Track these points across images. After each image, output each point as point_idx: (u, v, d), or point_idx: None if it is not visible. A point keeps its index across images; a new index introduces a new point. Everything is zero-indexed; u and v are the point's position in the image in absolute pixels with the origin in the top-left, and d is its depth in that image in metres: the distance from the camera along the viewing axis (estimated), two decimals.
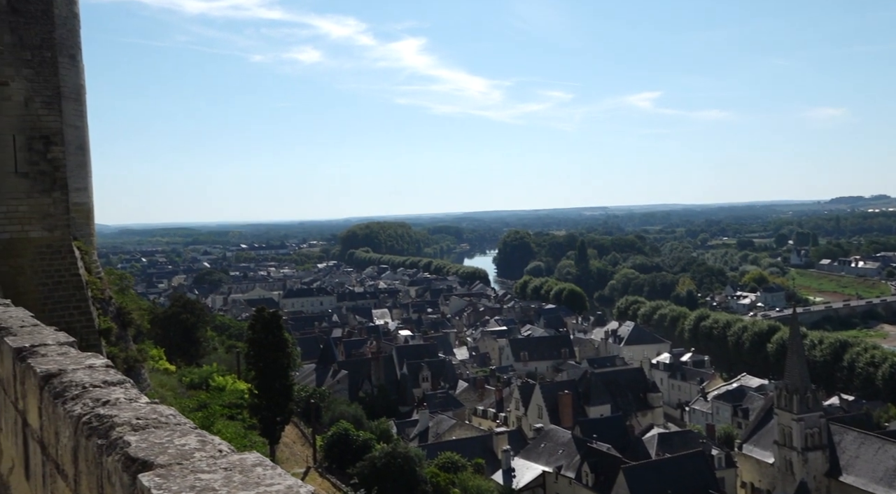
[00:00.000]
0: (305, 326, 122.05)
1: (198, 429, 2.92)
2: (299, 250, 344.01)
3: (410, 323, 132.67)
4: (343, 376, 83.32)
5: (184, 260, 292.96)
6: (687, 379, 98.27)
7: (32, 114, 27.09)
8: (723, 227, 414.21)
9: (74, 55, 33.55)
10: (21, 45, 26.26)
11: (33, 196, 27.58)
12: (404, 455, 41.54)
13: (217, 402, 38.39)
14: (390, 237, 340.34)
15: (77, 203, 32.92)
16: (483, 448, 59.00)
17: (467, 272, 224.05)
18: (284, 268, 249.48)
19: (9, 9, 25.99)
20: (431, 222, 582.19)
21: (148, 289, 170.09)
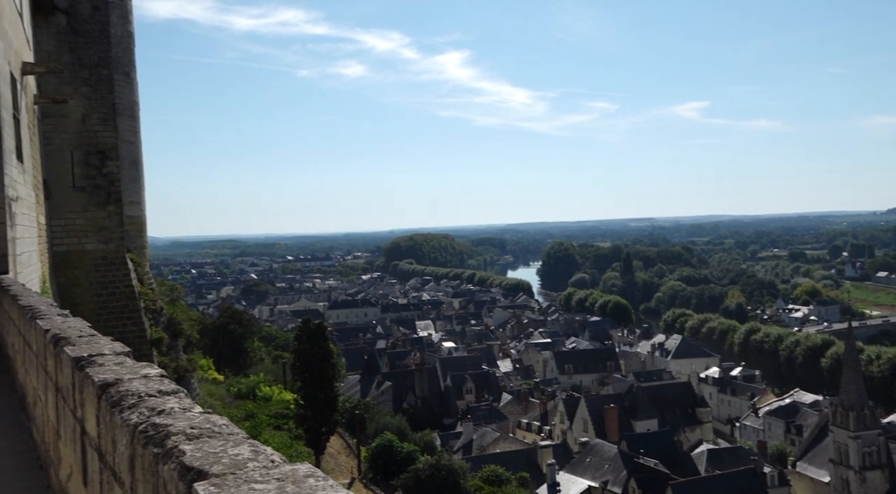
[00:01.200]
0: (350, 337, 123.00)
1: (250, 439, 2.95)
2: (344, 262, 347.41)
3: (454, 334, 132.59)
4: (387, 387, 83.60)
5: (232, 271, 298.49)
6: (737, 393, 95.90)
7: (89, 130, 28.01)
8: (773, 239, 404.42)
9: (129, 72, 34.63)
10: (79, 64, 27.22)
11: (89, 209, 28.46)
12: (448, 467, 41.40)
13: (264, 412, 38.89)
14: (434, 249, 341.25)
15: (130, 216, 33.86)
16: (527, 462, 58.45)
17: (511, 284, 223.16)
18: (329, 280, 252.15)
19: (68, 29, 26.98)
20: (475, 234, 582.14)
21: (197, 300, 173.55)
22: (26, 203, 19.06)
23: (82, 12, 27.28)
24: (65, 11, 26.92)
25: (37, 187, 22.61)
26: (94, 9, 27.47)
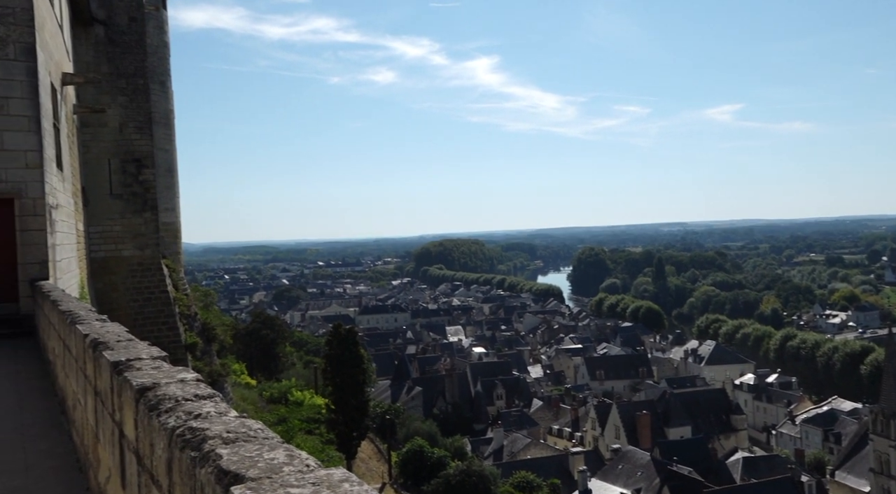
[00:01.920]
0: (380, 343, 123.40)
1: (285, 444, 2.97)
2: (374, 267, 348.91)
3: (484, 340, 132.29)
4: (417, 393, 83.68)
5: (264, 277, 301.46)
6: (773, 401, 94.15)
7: (126, 138, 28.57)
8: (809, 243, 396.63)
9: (164, 82, 35.27)
10: (117, 74, 27.79)
11: (126, 216, 29.00)
12: (479, 473, 41.29)
13: (296, 417, 39.16)
14: (463, 254, 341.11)
15: (166, 223, 34.44)
16: (559, 469, 58.01)
17: (541, 289, 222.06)
18: (360, 285, 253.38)
19: (106, 40, 27.56)
20: (504, 239, 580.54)
21: (230, 306, 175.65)
22: (66, 210, 19.48)
23: (119, 23, 27.87)
24: (103, 23, 27.53)
25: (76, 195, 23.11)
26: (130, 20, 28.04)
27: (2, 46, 14.74)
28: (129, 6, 28.12)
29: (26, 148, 15.06)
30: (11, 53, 14.84)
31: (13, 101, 14.92)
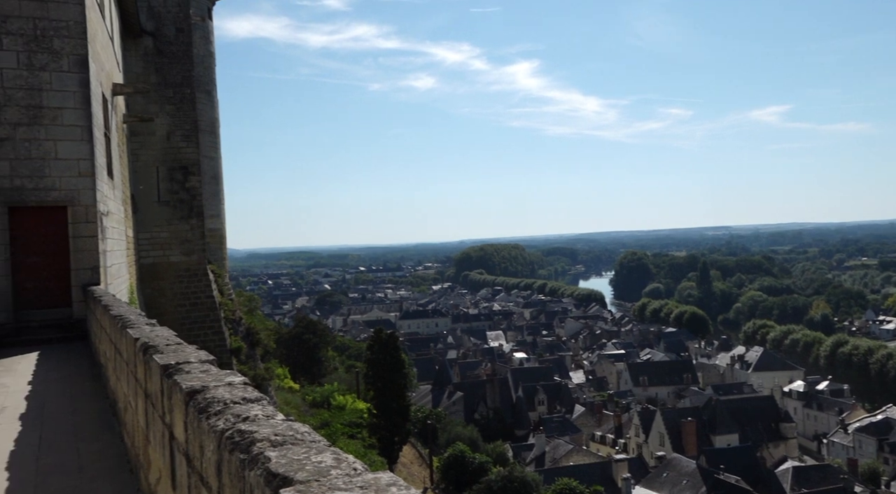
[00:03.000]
0: (421, 347, 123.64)
1: (332, 447, 2.98)
2: (415, 272, 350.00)
3: (525, 345, 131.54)
4: (458, 398, 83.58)
5: (306, 282, 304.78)
6: (824, 409, 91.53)
7: (173, 146, 29.21)
8: (861, 247, 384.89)
9: (210, 91, 35.99)
10: (165, 84, 28.45)
11: (173, 223, 29.64)
12: (521, 479, 41.01)
13: (338, 421, 39.43)
14: (504, 259, 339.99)
15: (211, 229, 35.08)
16: (602, 476, 57.29)
17: (583, 294, 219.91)
18: (401, 290, 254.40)
19: (154, 51, 28.25)
20: (545, 244, 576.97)
21: (274, 311, 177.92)
22: (116, 217, 19.99)
23: (167, 34, 28.54)
24: (151, 34, 28.22)
25: (125, 202, 23.70)
26: (178, 31, 28.70)
27: (56, 59, 15.21)
28: (177, 18, 28.79)
29: (79, 157, 15.51)
30: (65, 65, 15.31)
31: (66, 112, 15.38)
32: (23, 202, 15.10)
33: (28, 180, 15.11)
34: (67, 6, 15.26)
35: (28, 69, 15.01)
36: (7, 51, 14.87)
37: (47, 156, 15.21)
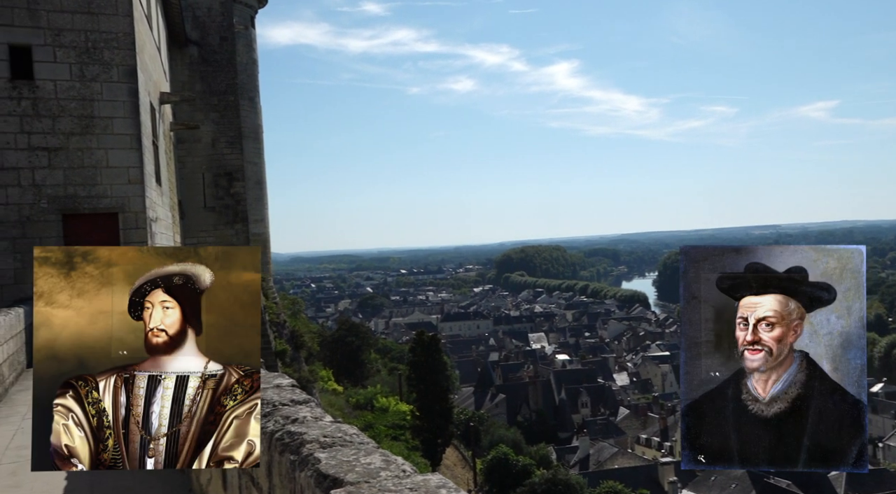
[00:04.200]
0: (463, 350, 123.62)
1: (381, 449, 3.00)
2: (456, 274, 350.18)
3: (568, 347, 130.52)
4: (501, 400, 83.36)
5: (349, 285, 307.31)
6: (879, 411, 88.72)
7: (218, 153, 29.78)
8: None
9: (253, 98, 36.61)
10: (209, 92, 29.04)
11: (219, 228, 30.22)
12: (565, 482, 40.69)
13: (381, 423, 39.63)
14: (545, 260, 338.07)
15: (255, 233, 35.66)
16: (647, 479, 56.51)
17: (626, 295, 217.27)
18: (442, 293, 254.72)
19: (199, 59, 28.86)
20: (587, 245, 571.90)
21: (317, 314, 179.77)
22: (164, 223, 20.46)
23: (212, 43, 29.14)
24: (196, 43, 28.84)
25: (173, 208, 24.24)
26: (221, 39, 29.27)
27: (106, 70, 15.66)
28: (221, 26, 29.38)
29: (129, 164, 15.94)
30: (115, 76, 15.75)
31: (117, 121, 15.82)
32: (76, 209, 15.56)
33: (81, 188, 15.58)
34: (117, 18, 15.69)
35: (80, 80, 15.48)
36: (60, 63, 15.36)
37: (99, 165, 15.65)
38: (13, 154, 15.13)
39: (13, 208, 15.16)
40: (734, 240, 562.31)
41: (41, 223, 15.29)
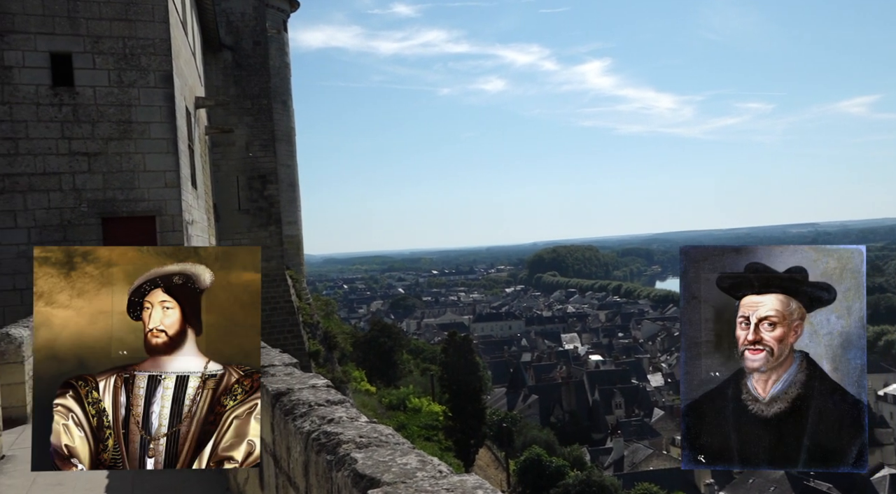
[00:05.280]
0: (495, 350, 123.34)
1: (417, 449, 3.00)
2: (487, 275, 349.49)
3: (601, 347, 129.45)
4: (534, 401, 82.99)
5: (381, 286, 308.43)
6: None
7: (252, 156, 30.15)
8: None
9: (286, 101, 36.99)
10: (243, 96, 29.42)
11: (253, 230, 30.58)
12: (600, 484, 40.37)
13: (414, 423, 39.72)
14: (577, 260, 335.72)
15: (289, 235, 36.01)
16: (683, 481, 55.75)
17: (660, 295, 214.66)
18: (473, 293, 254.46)
19: (233, 64, 29.25)
20: (619, 244, 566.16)
21: (349, 314, 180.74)
22: (200, 225, 20.77)
23: (245, 48, 29.52)
24: (230, 48, 29.24)
25: (208, 211, 24.60)
26: (255, 44, 29.64)
27: (143, 75, 15.96)
28: (254, 31, 29.74)
29: (165, 168, 16.21)
30: (152, 81, 16.04)
31: (153, 126, 16.11)
32: (114, 213, 15.88)
33: (119, 192, 15.89)
34: (153, 25, 15.99)
35: (118, 86, 15.80)
36: (99, 69, 15.70)
37: (136, 169, 15.95)
38: (55, 159, 15.50)
39: (55, 212, 15.52)
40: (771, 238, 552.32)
41: (82, 227, 15.63)
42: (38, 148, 15.39)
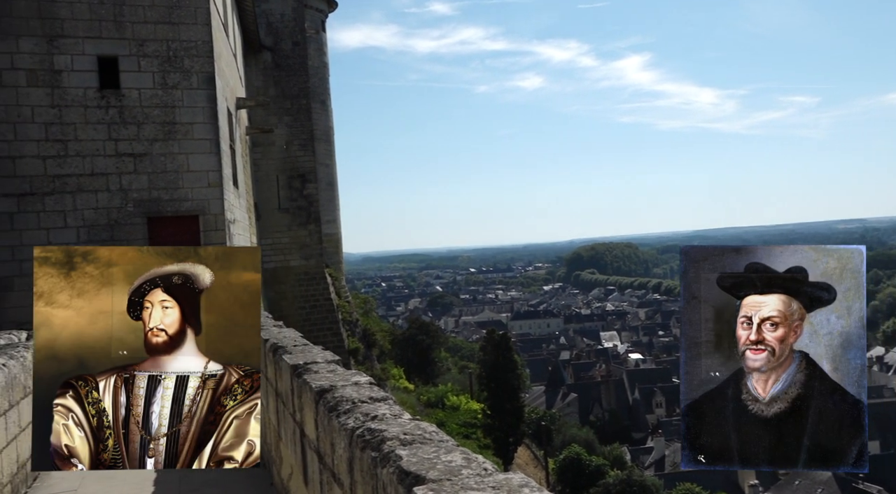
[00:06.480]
0: (533, 348, 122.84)
1: (461, 447, 2.99)
2: (525, 273, 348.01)
3: (641, 346, 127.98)
4: (573, 399, 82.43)
5: (418, 284, 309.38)
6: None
7: (291, 155, 30.49)
8: None
9: (324, 100, 37.33)
10: (283, 96, 29.77)
11: (293, 229, 30.93)
12: (640, 483, 39.94)
13: (453, 421, 39.78)
14: (616, 258, 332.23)
15: (328, 234, 36.35)
16: (726, 482, 54.82)
17: None
18: (511, 291, 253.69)
19: (273, 64, 29.61)
20: (659, 241, 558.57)
21: (388, 312, 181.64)
22: (241, 224, 21.09)
23: (284, 48, 29.86)
24: (270, 49, 29.62)
25: (249, 210, 24.96)
26: (294, 44, 29.96)
27: (186, 77, 16.26)
28: (293, 32, 30.07)
29: (208, 168, 16.50)
30: (195, 83, 16.33)
31: (196, 126, 16.40)
32: (159, 213, 16.21)
33: (164, 192, 16.21)
34: (196, 27, 16.27)
35: (162, 88, 16.12)
36: (144, 72, 16.04)
37: (180, 169, 16.26)
38: (102, 160, 15.88)
39: (102, 212, 15.91)
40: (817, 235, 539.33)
41: (128, 226, 16.00)
42: (87, 149, 15.79)
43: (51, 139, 15.57)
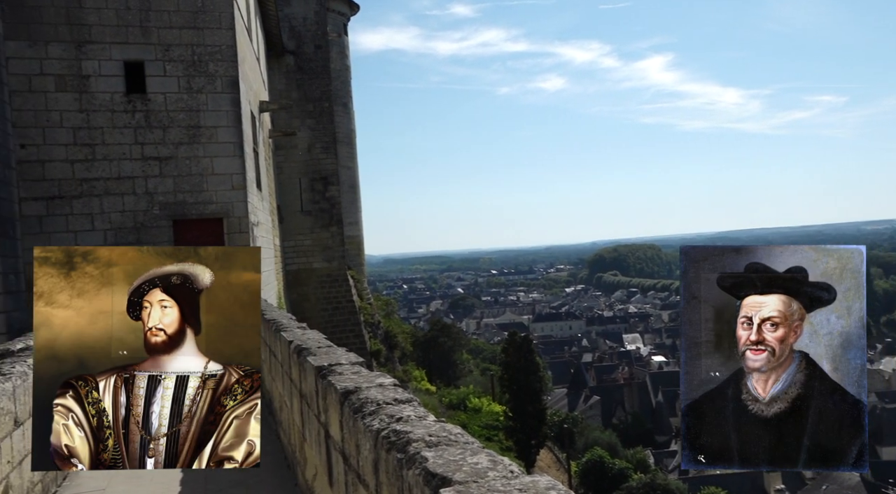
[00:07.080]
0: (555, 350, 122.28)
1: (487, 449, 2.99)
2: (547, 275, 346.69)
3: (664, 348, 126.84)
4: (595, 402, 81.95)
5: (440, 286, 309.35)
6: None
7: (314, 158, 30.68)
8: None
9: (346, 103, 37.51)
10: (305, 99, 29.97)
11: (315, 231, 31.11)
12: (664, 487, 39.60)
13: (475, 423, 39.72)
14: (639, 260, 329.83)
15: (350, 236, 36.50)
16: (752, 486, 54.15)
17: None
18: (533, 293, 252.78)
19: (296, 68, 29.82)
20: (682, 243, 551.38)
21: (409, 314, 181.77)
22: (265, 227, 21.26)
23: (307, 52, 30.07)
24: (293, 52, 29.83)
25: (272, 212, 25.15)
26: (316, 48, 30.16)
27: (211, 81, 16.44)
28: (315, 35, 30.27)
29: (232, 171, 16.66)
30: (219, 86, 16.51)
31: (221, 130, 16.57)
32: (184, 215, 16.39)
33: (189, 195, 16.40)
34: (220, 32, 16.44)
35: (187, 92, 16.31)
36: (170, 76, 16.24)
37: (205, 172, 16.44)
38: (129, 164, 16.10)
39: (129, 215, 16.13)
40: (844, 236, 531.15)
41: (154, 229, 16.20)
42: (114, 153, 16.02)
43: (79, 143, 15.82)
